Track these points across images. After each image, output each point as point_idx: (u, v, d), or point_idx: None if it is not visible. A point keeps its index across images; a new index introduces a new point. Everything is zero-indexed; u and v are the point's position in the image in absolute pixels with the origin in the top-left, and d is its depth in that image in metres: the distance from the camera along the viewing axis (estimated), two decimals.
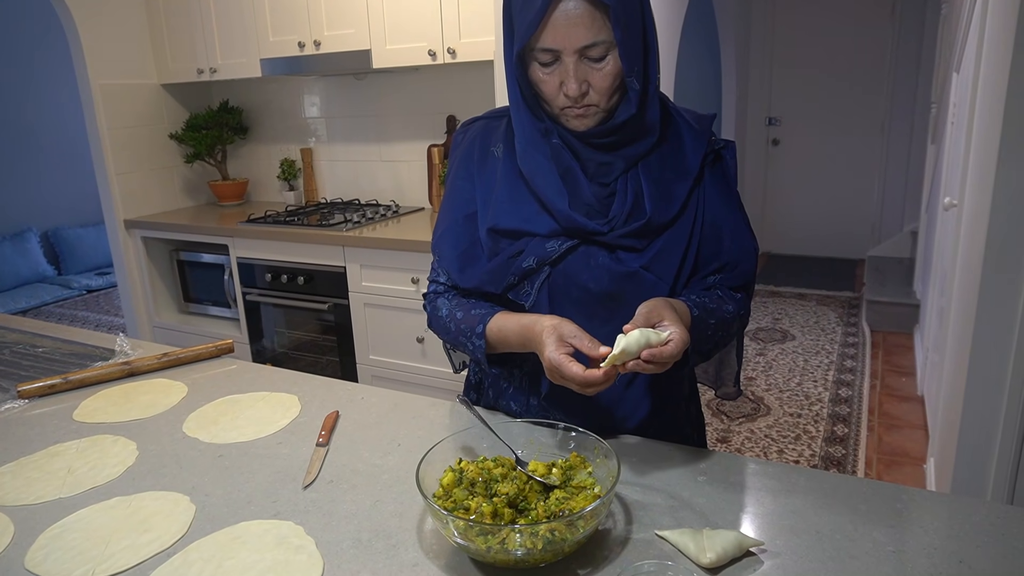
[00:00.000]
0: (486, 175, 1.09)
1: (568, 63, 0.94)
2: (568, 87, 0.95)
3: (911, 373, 3.62)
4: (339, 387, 1.32)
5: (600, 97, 0.97)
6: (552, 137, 1.03)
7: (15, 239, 5.59)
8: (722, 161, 1.09)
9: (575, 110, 0.98)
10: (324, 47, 2.86)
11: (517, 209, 1.05)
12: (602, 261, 1.03)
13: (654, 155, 1.04)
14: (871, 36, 5.42)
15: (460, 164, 1.13)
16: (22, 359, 1.53)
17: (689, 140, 1.06)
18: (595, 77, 0.95)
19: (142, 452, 1.11)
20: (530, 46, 0.95)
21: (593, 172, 1.03)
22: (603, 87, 0.96)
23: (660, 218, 1.02)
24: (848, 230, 5.84)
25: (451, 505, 0.82)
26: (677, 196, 1.04)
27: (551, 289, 1.05)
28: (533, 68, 0.98)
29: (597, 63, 0.95)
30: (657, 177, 1.03)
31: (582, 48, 0.93)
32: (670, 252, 1.04)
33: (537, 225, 1.04)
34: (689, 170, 1.05)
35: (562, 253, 1.03)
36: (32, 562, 0.84)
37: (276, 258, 2.97)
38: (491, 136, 1.11)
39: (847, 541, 0.81)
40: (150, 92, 3.43)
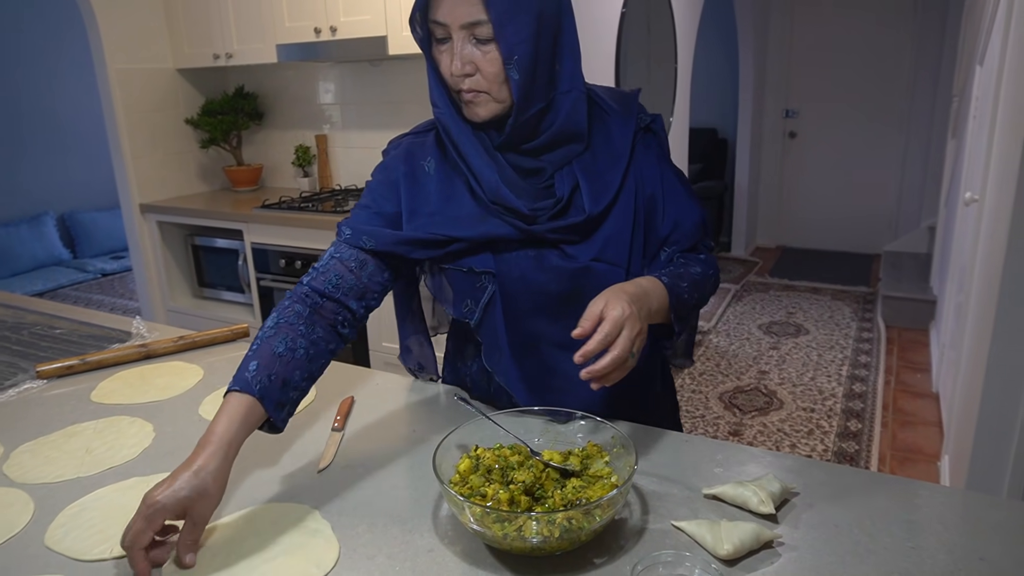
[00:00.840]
0: (415, 190, 1.05)
1: (456, 39, 0.93)
2: (453, 64, 0.93)
3: (926, 369, 3.59)
4: (354, 373, 1.33)
5: (489, 83, 0.94)
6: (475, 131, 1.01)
7: (32, 222, 5.64)
8: (651, 134, 1.09)
9: (466, 95, 0.96)
10: (340, 33, 2.85)
11: (447, 219, 1.02)
12: (554, 262, 1.02)
13: (586, 152, 1.03)
14: (892, 28, 5.34)
15: (381, 180, 1.08)
16: (40, 340, 1.54)
17: (615, 124, 1.05)
18: (481, 60, 0.93)
19: (159, 434, 1.11)
20: (425, 17, 0.94)
21: (524, 176, 1.02)
22: (489, 72, 0.93)
23: (598, 208, 1.01)
24: (865, 225, 5.78)
25: (468, 492, 0.82)
26: (611, 183, 1.03)
27: (507, 298, 1.03)
28: (433, 46, 0.97)
29: (484, 45, 0.93)
30: (592, 169, 1.02)
31: (467, 25, 0.91)
32: (618, 237, 1.03)
33: (469, 230, 1.01)
34: (620, 154, 1.04)
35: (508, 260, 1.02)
36: (52, 539, 0.85)
37: (290, 244, 2.97)
38: (420, 151, 1.08)
39: (865, 536, 0.81)
40: (166, 77, 3.43)
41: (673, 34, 3.51)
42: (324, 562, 0.79)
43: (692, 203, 1.10)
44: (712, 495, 0.88)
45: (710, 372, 3.63)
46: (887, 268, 4.77)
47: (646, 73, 3.34)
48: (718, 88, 6.04)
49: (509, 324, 1.04)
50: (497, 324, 1.04)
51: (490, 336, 1.06)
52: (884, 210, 5.70)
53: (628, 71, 3.11)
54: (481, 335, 1.07)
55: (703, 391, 3.41)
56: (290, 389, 0.92)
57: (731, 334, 4.16)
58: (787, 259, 5.79)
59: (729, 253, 5.96)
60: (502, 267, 1.03)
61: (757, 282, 5.20)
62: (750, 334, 4.15)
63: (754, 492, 0.85)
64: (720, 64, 5.99)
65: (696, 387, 3.46)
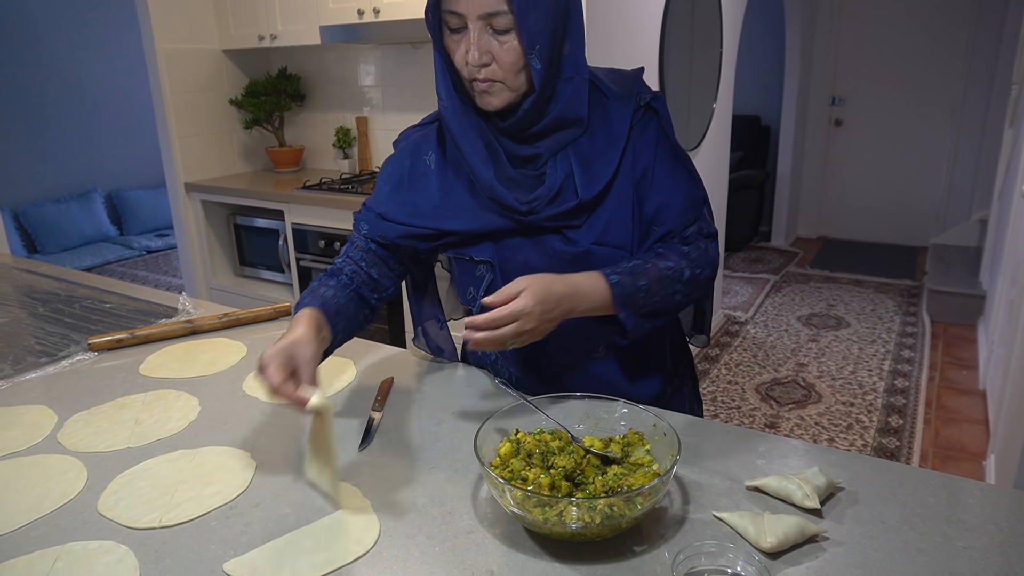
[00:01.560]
0: (417, 185, 1.09)
1: (472, 29, 0.93)
2: (470, 54, 0.93)
3: (973, 366, 3.48)
4: (392, 354, 1.34)
5: (505, 73, 0.95)
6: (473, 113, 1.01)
7: (81, 199, 5.80)
8: (651, 112, 1.06)
9: (480, 84, 0.96)
10: (383, 15, 2.85)
11: (447, 213, 1.05)
12: (556, 247, 1.03)
13: (584, 136, 1.02)
14: (948, 12, 5.15)
15: (390, 172, 1.12)
16: (91, 313, 1.58)
17: (614, 106, 1.04)
18: (498, 50, 0.94)
19: (204, 408, 1.14)
20: (441, 7, 0.94)
21: (518, 164, 1.03)
22: (507, 61, 0.94)
23: (590, 194, 1.01)
24: (911, 216, 5.62)
25: (509, 475, 0.82)
26: (607, 166, 1.02)
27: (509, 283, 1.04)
28: (445, 35, 0.97)
29: (502, 35, 0.93)
30: (587, 154, 1.02)
31: (485, 15, 0.91)
32: (618, 220, 1.03)
33: (472, 222, 1.03)
34: (617, 135, 1.03)
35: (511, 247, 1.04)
36: (105, 506, 0.88)
37: (330, 225, 3.00)
38: (424, 144, 1.10)
39: (914, 534, 0.79)
40: (212, 57, 3.48)
41: (719, 18, 3.43)
42: (365, 540, 0.80)
43: (684, 182, 1.06)
44: (755, 487, 0.87)
45: (747, 363, 3.58)
46: (934, 261, 4.63)
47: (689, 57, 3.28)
48: (762, 74, 5.90)
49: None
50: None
51: None
52: (932, 202, 5.53)
53: (672, 56, 3.05)
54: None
55: (739, 382, 3.37)
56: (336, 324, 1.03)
57: (769, 325, 4.09)
58: (828, 250, 5.66)
59: (769, 243, 5.85)
60: (505, 254, 1.06)
61: (797, 273, 5.10)
62: (789, 325, 4.08)
63: (799, 486, 0.84)
64: (765, 49, 5.85)
65: (732, 378, 3.41)
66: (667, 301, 1.02)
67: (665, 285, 1.00)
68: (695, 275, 1.03)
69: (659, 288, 1.00)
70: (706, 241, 1.07)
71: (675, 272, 1.01)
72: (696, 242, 1.05)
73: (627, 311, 0.98)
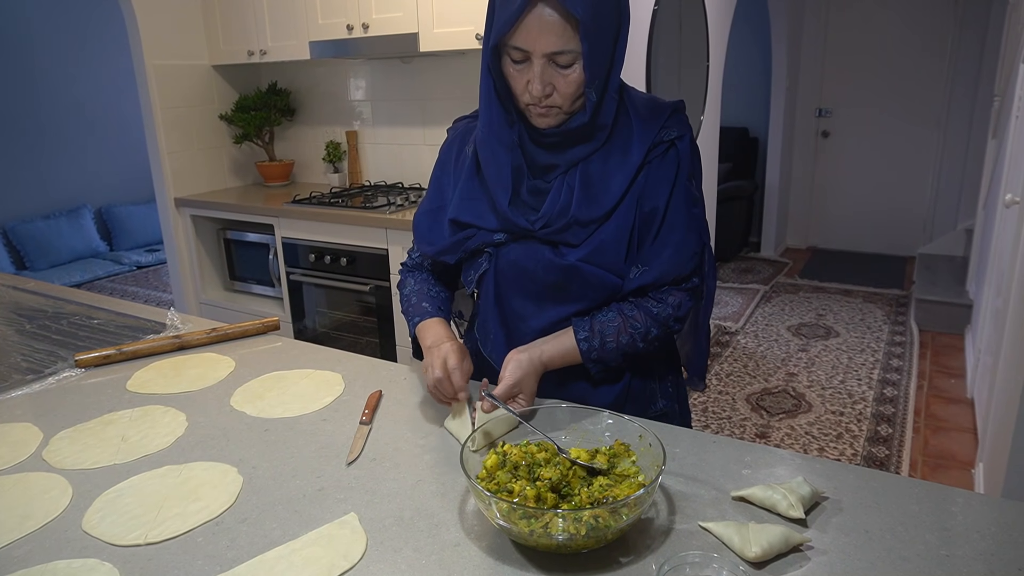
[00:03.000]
0: (458, 171, 1.18)
1: (536, 65, 0.98)
2: (533, 87, 0.99)
3: (960, 375, 3.51)
4: (382, 367, 1.34)
5: (564, 101, 1.01)
6: (515, 130, 1.07)
7: (71, 215, 5.78)
8: (674, 150, 1.08)
9: (538, 108, 1.02)
10: (372, 30, 2.87)
11: (472, 205, 1.13)
12: (547, 255, 1.09)
13: (598, 154, 1.07)
14: (932, 26, 5.23)
15: (442, 160, 1.23)
16: (79, 330, 1.58)
17: (637, 131, 1.07)
18: (560, 82, 0.99)
19: (191, 423, 1.14)
20: (504, 41, 0.99)
21: (538, 172, 1.09)
22: (567, 92, 1.00)
23: (585, 216, 1.06)
24: (898, 226, 5.67)
25: (495, 487, 0.82)
26: (614, 190, 1.06)
27: (499, 277, 1.14)
28: (506, 62, 1.02)
29: (564, 69, 0.99)
30: (596, 175, 1.06)
31: (551, 53, 0.96)
32: (614, 244, 1.07)
33: (486, 221, 1.12)
34: (631, 162, 1.06)
35: (506, 243, 1.11)
36: (89, 524, 0.87)
37: (320, 239, 3.01)
38: (468, 136, 1.18)
39: (898, 543, 0.79)
40: (201, 73, 3.49)
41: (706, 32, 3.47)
42: (352, 554, 0.80)
43: (686, 234, 1.09)
44: (740, 497, 0.88)
45: (737, 373, 3.59)
46: (921, 271, 4.67)
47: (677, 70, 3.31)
48: (750, 86, 5.96)
49: (498, 300, 1.15)
50: (488, 298, 1.16)
51: (483, 308, 1.19)
52: (918, 212, 5.58)
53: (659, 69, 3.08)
54: (477, 305, 1.22)
55: (730, 392, 3.38)
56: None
57: (759, 335, 4.11)
58: (817, 260, 5.70)
59: (759, 253, 5.89)
60: (500, 250, 1.13)
61: (786, 283, 5.12)
62: (779, 335, 4.09)
63: (784, 496, 0.84)
64: (752, 61, 5.91)
65: (723, 388, 3.42)
66: (632, 353, 1.12)
67: (630, 345, 1.10)
68: (660, 334, 1.12)
69: (626, 345, 1.10)
70: (682, 295, 1.11)
71: (641, 332, 1.10)
72: (670, 297, 1.11)
73: (594, 365, 1.11)
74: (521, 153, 1.08)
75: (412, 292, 1.25)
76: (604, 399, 1.16)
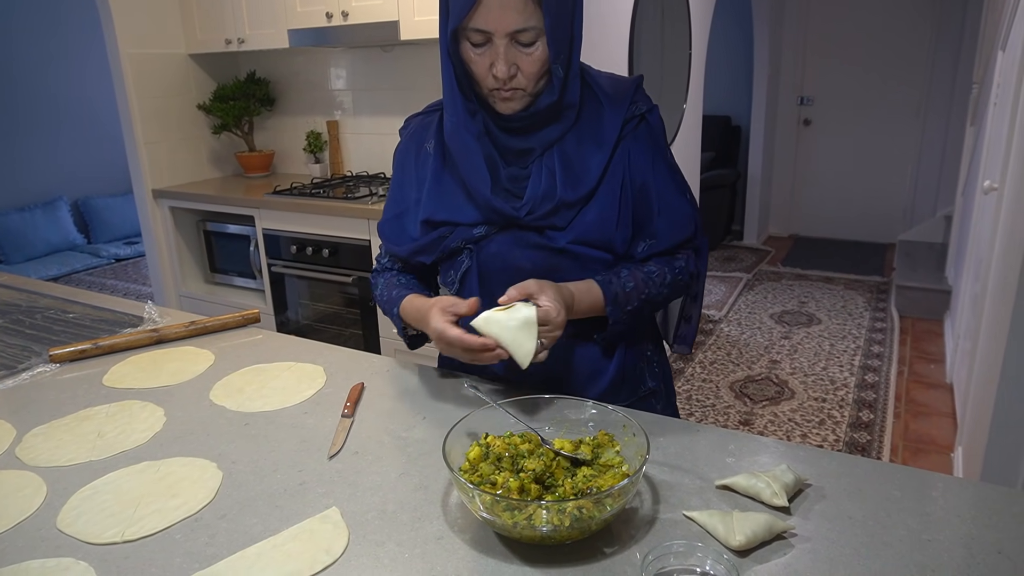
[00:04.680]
0: (420, 170, 1.15)
1: (499, 45, 0.96)
2: (498, 69, 0.97)
3: (940, 360, 3.55)
4: (364, 359, 1.32)
5: (528, 81, 1.00)
6: (478, 119, 1.05)
7: (46, 208, 5.68)
8: (645, 123, 1.09)
9: (503, 92, 1.00)
10: (352, 18, 2.83)
11: (445, 202, 1.10)
12: (533, 241, 1.07)
13: (570, 133, 1.06)
14: (911, 14, 5.26)
15: (400, 160, 1.20)
16: (53, 324, 1.55)
17: (607, 110, 1.07)
18: (524, 61, 0.98)
19: (169, 418, 1.12)
20: (463, 25, 0.97)
21: (512, 159, 1.07)
22: (531, 72, 0.99)
23: (571, 196, 1.05)
24: (879, 214, 5.72)
25: (478, 479, 0.81)
26: (593, 169, 1.06)
27: (483, 273, 1.10)
28: (465, 47, 1.00)
29: (526, 48, 0.98)
30: (572, 155, 1.06)
31: (513, 32, 0.96)
32: (601, 222, 1.06)
33: (463, 215, 1.09)
34: (605, 141, 1.06)
35: (488, 236, 1.08)
36: (64, 522, 0.86)
37: (301, 230, 2.97)
38: (425, 132, 1.16)
39: (880, 528, 0.80)
40: (178, 62, 3.43)
41: (688, 19, 3.46)
42: (334, 548, 0.79)
43: (681, 203, 1.12)
44: (724, 486, 0.88)
45: (721, 361, 3.61)
46: (901, 257, 4.72)
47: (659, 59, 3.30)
48: (732, 74, 5.97)
49: (484, 297, 1.09)
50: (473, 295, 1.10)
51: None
52: (899, 199, 5.64)
53: (641, 57, 3.07)
54: None
55: (714, 380, 3.40)
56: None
57: (742, 323, 4.13)
58: (800, 248, 5.74)
59: (741, 242, 5.92)
60: (479, 243, 1.10)
61: (769, 271, 5.16)
62: (761, 323, 4.12)
63: (767, 484, 0.84)
64: (735, 50, 5.92)
65: (707, 376, 3.44)
66: (650, 299, 1.09)
67: (649, 286, 1.08)
68: (676, 279, 1.11)
69: (644, 287, 1.07)
70: (688, 253, 1.13)
71: (658, 275, 1.09)
72: (678, 259, 1.12)
73: (614, 307, 1.05)
74: (490, 142, 1.06)
75: (383, 290, 1.21)
76: (601, 382, 1.14)
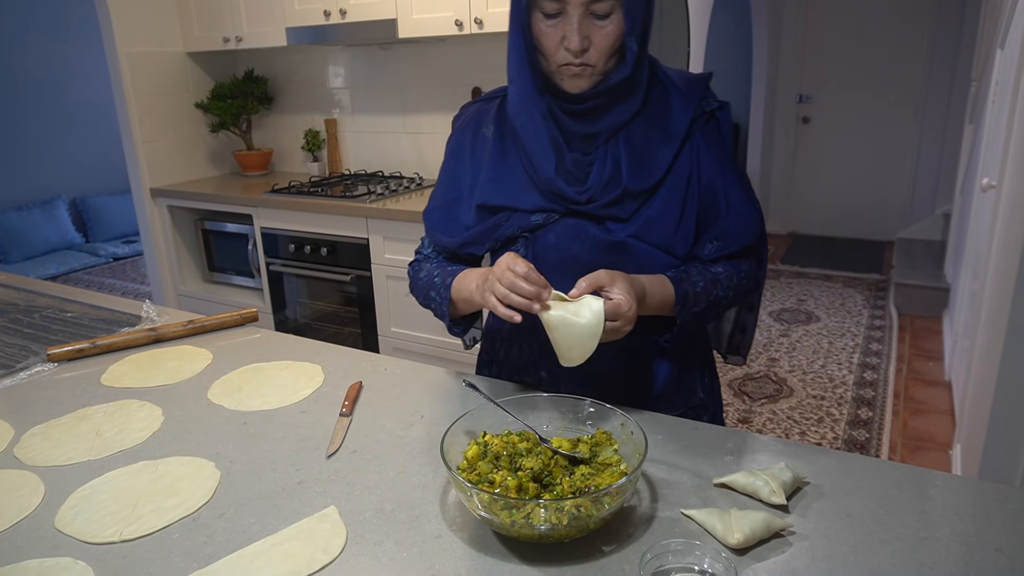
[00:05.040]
0: (476, 156, 1.12)
1: (572, 16, 0.93)
2: (570, 41, 0.94)
3: (939, 358, 3.55)
4: (362, 358, 1.32)
5: (599, 57, 0.96)
6: (544, 99, 1.02)
7: (44, 206, 5.66)
8: (715, 121, 1.07)
9: (572, 68, 0.97)
10: (350, 16, 2.83)
11: (503, 187, 1.07)
12: (592, 232, 1.03)
13: (637, 121, 1.03)
14: (909, 11, 5.25)
15: (454, 147, 1.16)
16: (51, 323, 1.55)
17: (677, 103, 1.05)
18: (597, 35, 0.95)
19: (167, 417, 1.12)
20: None
21: (577, 145, 1.04)
22: (604, 46, 0.95)
23: (637, 186, 1.01)
24: (877, 211, 5.71)
25: (476, 478, 0.81)
26: (660, 161, 1.03)
27: (538, 263, 1.05)
28: (536, 19, 0.97)
29: (601, 20, 0.94)
30: (639, 144, 1.03)
31: (589, 2, 0.93)
32: (663, 219, 1.03)
33: (522, 201, 1.06)
34: (674, 133, 1.04)
35: (546, 224, 1.04)
36: (62, 522, 0.85)
37: (300, 229, 2.97)
38: (484, 118, 1.13)
39: (878, 525, 0.80)
40: (176, 60, 3.42)
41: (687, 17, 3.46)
42: (331, 547, 0.79)
43: (748, 208, 1.08)
44: (722, 484, 0.88)
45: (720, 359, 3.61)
46: (900, 255, 4.72)
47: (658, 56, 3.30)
48: (730, 72, 5.96)
49: None
50: None
51: None
52: (897, 197, 5.63)
53: None
54: None
55: None
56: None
57: None
58: (798, 246, 5.74)
59: None
60: (536, 233, 1.06)
61: (768, 269, 5.15)
62: (760, 321, 4.12)
63: (765, 482, 0.84)
64: (733, 48, 5.91)
65: None
66: (716, 302, 1.05)
67: (716, 287, 1.04)
68: (741, 283, 1.08)
69: (712, 289, 1.04)
70: (752, 261, 1.11)
71: (726, 278, 1.06)
72: (743, 265, 1.09)
73: (683, 307, 1.01)
74: (555, 125, 1.03)
75: (432, 270, 1.13)
76: (651, 389, 1.12)
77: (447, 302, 1.08)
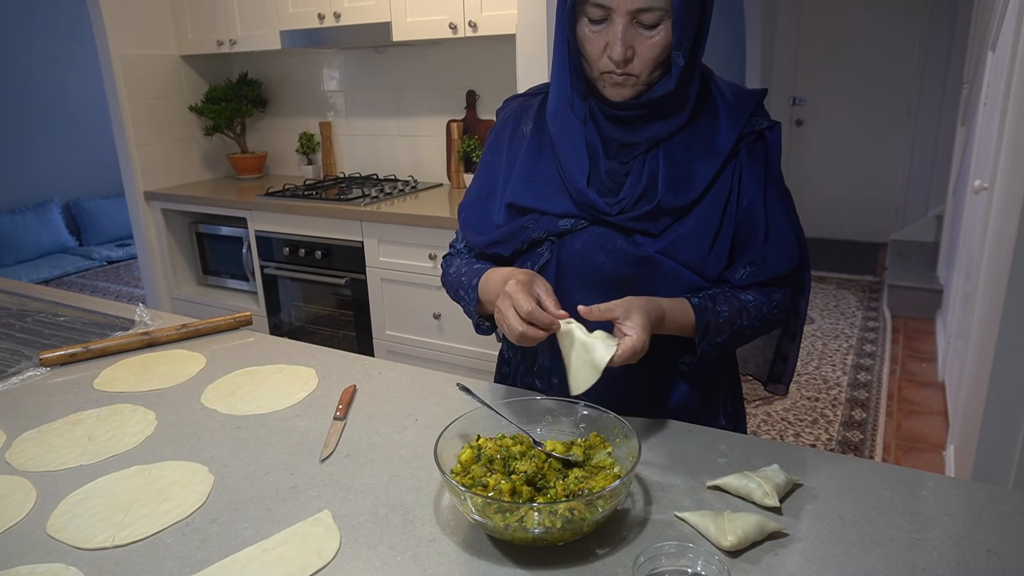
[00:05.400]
0: (513, 152, 1.10)
1: (618, 24, 0.91)
2: (613, 50, 0.91)
3: (932, 359, 3.57)
4: (356, 361, 1.32)
5: (643, 67, 0.93)
6: (585, 103, 1.00)
7: (37, 210, 5.64)
8: (764, 141, 1.03)
9: (615, 77, 0.94)
10: (344, 19, 2.83)
11: (534, 188, 1.05)
12: (620, 244, 1.00)
13: (681, 134, 0.99)
14: (902, 14, 5.28)
15: (493, 141, 1.15)
16: (44, 327, 1.54)
17: (725, 118, 1.00)
18: (643, 45, 0.92)
19: (161, 422, 1.11)
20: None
21: (614, 152, 1.01)
22: (648, 57, 0.93)
23: (673, 202, 0.98)
24: (871, 213, 5.73)
25: (469, 482, 0.81)
26: (700, 178, 0.99)
27: (561, 269, 1.03)
28: (581, 24, 0.94)
29: (648, 30, 0.92)
30: (680, 159, 0.99)
31: (635, 11, 0.90)
32: (696, 238, 0.99)
33: (552, 205, 1.03)
34: (718, 151, 1.00)
35: (573, 230, 1.02)
36: (54, 527, 0.85)
37: (294, 232, 2.97)
38: (524, 114, 1.11)
39: (870, 527, 0.80)
40: (169, 63, 3.42)
41: None
42: (325, 552, 0.79)
43: (787, 236, 1.04)
44: (716, 486, 0.88)
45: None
46: (893, 257, 4.74)
47: None
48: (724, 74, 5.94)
49: (559, 294, 0.98)
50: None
51: None
52: (891, 198, 5.66)
53: None
54: None
55: None
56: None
57: None
58: None
59: None
60: (563, 238, 1.03)
61: None
62: None
63: (759, 484, 0.84)
64: (727, 50, 5.93)
65: None
66: (740, 331, 1.01)
67: (743, 316, 1.00)
68: (771, 313, 1.03)
69: (737, 318, 1.00)
70: (785, 291, 1.06)
71: (754, 307, 1.01)
72: (775, 293, 1.04)
73: (703, 336, 0.98)
74: (595, 129, 1.00)
75: (461, 266, 1.12)
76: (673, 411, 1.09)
77: (475, 302, 1.06)
